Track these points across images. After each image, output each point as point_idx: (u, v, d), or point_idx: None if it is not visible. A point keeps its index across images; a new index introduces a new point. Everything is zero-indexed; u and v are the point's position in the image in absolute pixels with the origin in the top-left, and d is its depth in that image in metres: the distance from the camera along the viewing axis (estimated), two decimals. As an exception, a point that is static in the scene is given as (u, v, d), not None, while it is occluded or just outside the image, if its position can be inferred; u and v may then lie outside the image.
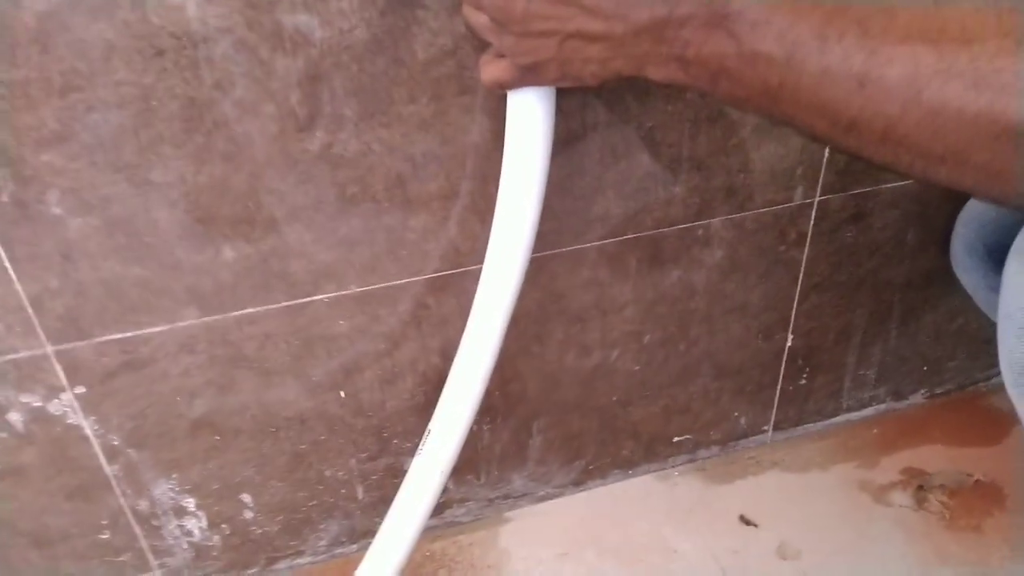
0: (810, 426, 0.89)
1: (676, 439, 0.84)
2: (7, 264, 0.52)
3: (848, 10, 0.35)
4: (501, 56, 0.47)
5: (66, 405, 0.59)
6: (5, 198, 0.50)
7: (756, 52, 0.37)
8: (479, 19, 0.46)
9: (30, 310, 0.54)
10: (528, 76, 0.46)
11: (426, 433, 0.58)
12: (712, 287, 0.73)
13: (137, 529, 0.68)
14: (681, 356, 0.77)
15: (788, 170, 0.68)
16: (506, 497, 0.81)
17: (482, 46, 0.50)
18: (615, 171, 0.63)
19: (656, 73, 0.42)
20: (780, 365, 0.82)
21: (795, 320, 0.79)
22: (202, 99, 0.50)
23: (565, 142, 0.60)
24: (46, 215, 0.51)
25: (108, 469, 0.63)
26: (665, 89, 0.59)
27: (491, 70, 0.47)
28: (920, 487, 0.83)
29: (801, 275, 0.76)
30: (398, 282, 0.62)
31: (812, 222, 0.72)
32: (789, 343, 0.80)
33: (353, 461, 0.71)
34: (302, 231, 0.57)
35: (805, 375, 0.84)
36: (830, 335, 0.82)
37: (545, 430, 0.77)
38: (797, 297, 0.77)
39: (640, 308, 0.72)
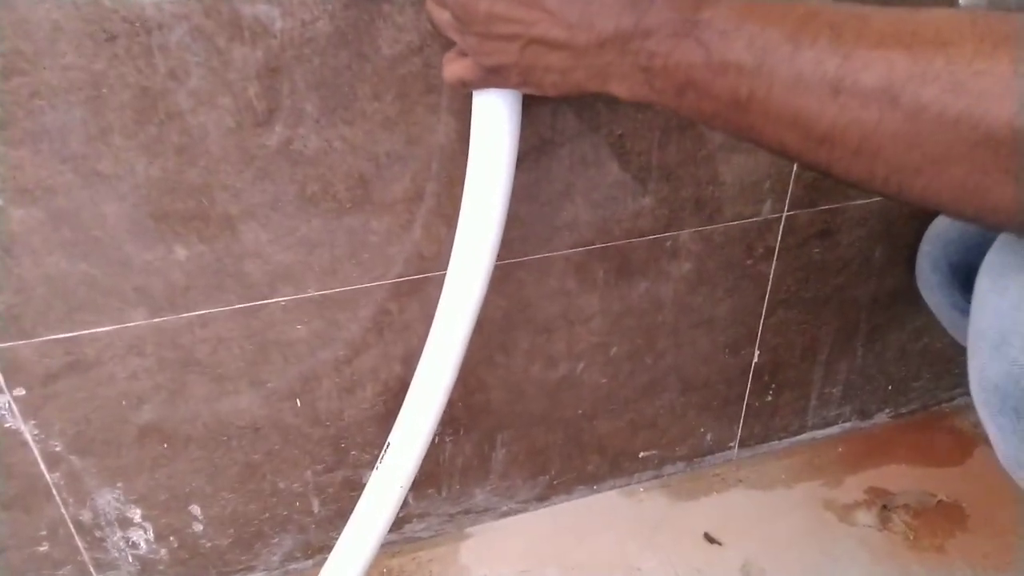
0: (775, 443, 0.89)
1: (642, 454, 0.83)
2: (-58, 257, 0.50)
3: (820, 15, 0.34)
4: (464, 55, 0.45)
5: (4, 408, 0.56)
6: (-59, 186, 0.47)
7: (726, 61, 0.36)
8: (442, 16, 0.45)
9: (-33, 306, 0.52)
10: (492, 78, 0.45)
11: (386, 445, 0.56)
12: (679, 300, 0.72)
13: (79, 541, 0.65)
14: (648, 369, 0.76)
15: (757, 183, 0.67)
16: (467, 512, 0.79)
17: (449, 44, 0.49)
18: (584, 178, 0.62)
19: (619, 88, 0.41)
20: (746, 381, 0.81)
21: (762, 335, 0.78)
22: (155, 88, 0.48)
23: (533, 147, 0.58)
24: (-15, 206, 0.49)
25: (49, 477, 0.60)
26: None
27: (454, 68, 0.46)
28: (884, 507, 0.83)
29: (768, 290, 0.75)
30: (359, 286, 0.60)
31: (780, 237, 0.72)
32: (755, 359, 0.80)
33: (309, 473, 0.69)
34: (258, 230, 0.55)
35: (771, 391, 0.84)
36: (796, 352, 0.81)
37: (509, 443, 0.75)
38: (764, 312, 0.77)
39: (607, 320, 0.71)
